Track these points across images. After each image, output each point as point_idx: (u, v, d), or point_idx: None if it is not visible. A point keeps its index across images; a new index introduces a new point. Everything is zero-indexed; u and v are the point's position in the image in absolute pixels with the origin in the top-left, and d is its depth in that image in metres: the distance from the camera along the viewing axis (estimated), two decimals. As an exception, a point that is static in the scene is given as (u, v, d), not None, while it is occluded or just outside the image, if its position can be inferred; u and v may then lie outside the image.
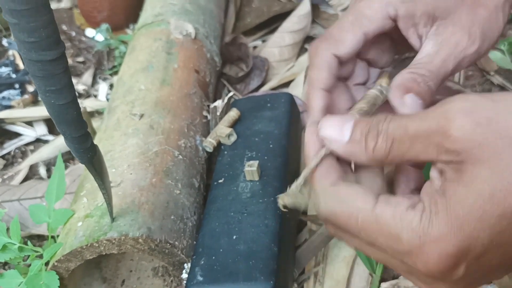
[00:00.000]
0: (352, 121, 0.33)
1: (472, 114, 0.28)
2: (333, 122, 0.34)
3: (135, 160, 0.53)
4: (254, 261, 0.46)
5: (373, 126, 0.32)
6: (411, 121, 0.31)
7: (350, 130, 0.32)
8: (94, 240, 0.45)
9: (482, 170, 0.27)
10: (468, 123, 0.28)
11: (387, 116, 0.32)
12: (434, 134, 0.29)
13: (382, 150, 0.31)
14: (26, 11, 0.28)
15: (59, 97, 0.32)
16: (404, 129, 0.30)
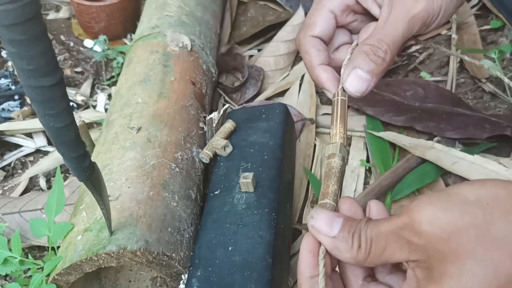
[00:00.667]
0: (342, 219, 0.35)
1: (430, 206, 0.31)
2: (324, 216, 0.35)
3: (133, 173, 0.54)
4: (249, 272, 0.47)
5: (357, 227, 0.34)
6: (383, 222, 0.33)
7: (339, 226, 0.34)
8: (93, 253, 0.46)
9: (449, 266, 0.29)
10: (430, 216, 0.30)
11: (368, 219, 0.34)
12: (402, 231, 0.31)
13: (363, 251, 0.33)
14: (25, 40, 0.29)
15: (57, 120, 0.34)
16: (378, 229, 0.33)
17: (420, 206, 0.31)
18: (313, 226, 0.35)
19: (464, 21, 0.90)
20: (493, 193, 0.30)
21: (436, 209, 0.30)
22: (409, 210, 0.32)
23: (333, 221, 0.35)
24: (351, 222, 0.34)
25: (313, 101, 0.78)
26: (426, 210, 0.31)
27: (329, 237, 0.34)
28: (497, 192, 0.30)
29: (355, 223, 0.34)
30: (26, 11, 0.28)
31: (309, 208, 0.64)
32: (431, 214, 0.30)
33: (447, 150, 0.63)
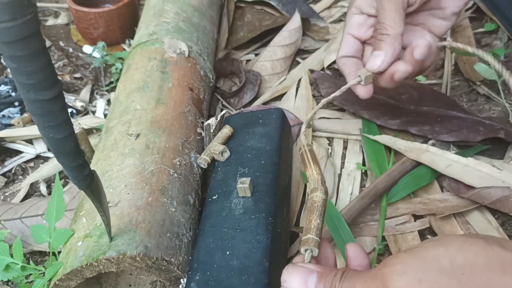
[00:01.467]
0: (316, 275, 0.35)
1: (405, 276, 0.30)
2: (298, 275, 0.36)
3: (132, 179, 0.55)
4: (247, 276, 0.48)
5: (332, 284, 0.34)
6: (358, 281, 0.33)
7: (313, 285, 0.35)
8: (93, 259, 0.47)
9: None
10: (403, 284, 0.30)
11: (342, 274, 0.34)
12: None
13: None
14: (25, 56, 0.30)
15: (57, 132, 0.35)
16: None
17: (394, 275, 0.30)
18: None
19: (458, 24, 0.90)
20: (470, 262, 0.29)
21: (410, 279, 0.30)
22: (383, 275, 0.31)
23: (307, 279, 0.35)
24: (326, 278, 0.35)
25: (310, 105, 0.79)
26: (400, 280, 0.30)
27: None
28: (474, 261, 0.29)
29: (330, 279, 0.34)
30: (26, 28, 0.29)
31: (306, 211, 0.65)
32: (405, 285, 0.30)
33: (442, 153, 0.64)
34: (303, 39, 0.93)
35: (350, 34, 0.62)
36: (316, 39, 0.94)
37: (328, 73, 0.86)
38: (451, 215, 0.61)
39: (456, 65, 0.84)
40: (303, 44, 0.93)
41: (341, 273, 0.35)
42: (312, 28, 0.96)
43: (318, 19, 0.98)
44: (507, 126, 0.68)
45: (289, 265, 0.37)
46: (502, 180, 0.59)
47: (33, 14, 0.29)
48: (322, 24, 0.97)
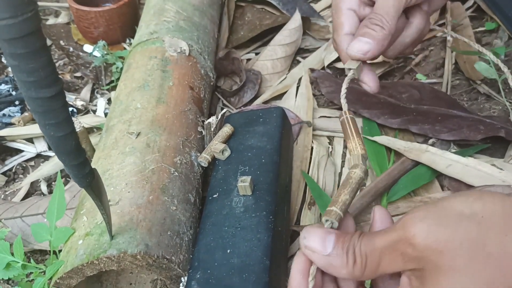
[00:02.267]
0: (334, 236, 0.35)
1: (426, 221, 0.31)
2: (317, 234, 0.35)
3: (133, 178, 0.55)
4: (247, 274, 0.48)
5: (351, 243, 0.34)
6: (377, 236, 0.33)
7: (332, 244, 0.35)
8: (94, 257, 0.47)
9: (443, 276, 0.29)
10: (425, 230, 0.30)
11: (360, 233, 0.35)
12: (397, 244, 0.32)
13: (359, 267, 0.33)
14: (26, 54, 0.30)
15: (58, 130, 0.35)
16: (373, 245, 0.33)
17: (415, 220, 0.31)
18: (306, 246, 0.35)
19: (459, 23, 0.91)
20: (489, 208, 0.30)
21: (431, 223, 0.31)
22: (403, 224, 0.32)
23: (325, 239, 0.35)
24: (344, 238, 0.35)
25: (310, 104, 0.79)
26: (421, 224, 0.31)
27: (324, 256, 0.34)
28: (493, 207, 0.30)
29: (348, 239, 0.34)
30: (26, 26, 0.29)
31: (307, 210, 0.65)
32: (426, 228, 0.30)
33: (441, 153, 0.64)
34: (303, 38, 0.93)
35: (351, 10, 0.57)
36: (316, 38, 0.94)
37: (329, 72, 0.86)
38: (452, 213, 0.61)
39: (456, 64, 0.84)
40: (304, 43, 0.93)
41: (358, 234, 0.35)
42: (312, 27, 0.96)
43: (318, 18, 0.98)
44: (508, 125, 0.68)
45: (309, 226, 0.37)
46: (503, 179, 0.59)
47: (34, 12, 0.29)
48: (322, 23, 0.97)
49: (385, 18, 0.52)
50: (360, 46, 0.53)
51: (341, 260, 0.34)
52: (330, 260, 0.34)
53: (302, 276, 0.36)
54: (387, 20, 0.52)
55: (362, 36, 0.53)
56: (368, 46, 0.52)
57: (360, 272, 0.33)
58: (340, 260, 0.34)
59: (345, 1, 0.57)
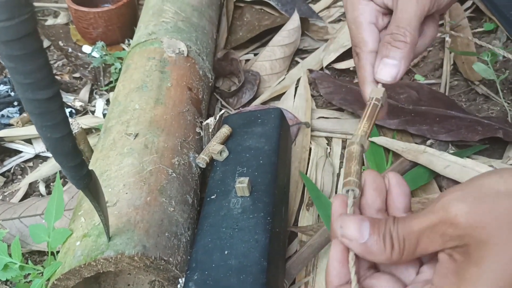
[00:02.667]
0: (368, 222, 0.35)
1: (465, 201, 0.32)
2: (353, 223, 0.36)
3: (131, 179, 0.55)
4: (245, 275, 0.48)
5: (386, 228, 0.35)
6: (414, 220, 0.34)
7: (368, 230, 0.35)
8: (91, 259, 0.47)
9: (488, 250, 0.30)
10: (466, 208, 0.31)
11: (394, 218, 0.35)
12: (438, 226, 0.32)
13: (397, 251, 0.34)
14: (22, 56, 0.30)
15: (54, 131, 0.35)
16: (410, 228, 0.34)
17: (454, 201, 0.32)
18: (343, 235, 0.36)
19: (457, 24, 0.91)
20: None
21: (471, 202, 0.31)
22: (443, 205, 0.32)
23: (361, 226, 0.35)
24: (379, 224, 0.35)
25: (309, 105, 0.79)
26: (462, 204, 0.32)
27: (361, 243, 0.35)
28: None
29: (383, 224, 0.35)
30: (23, 28, 0.29)
31: (305, 211, 0.65)
32: (466, 207, 0.31)
33: (439, 154, 0.64)
34: (302, 39, 0.93)
35: (372, 23, 0.52)
36: (315, 39, 0.94)
37: (327, 72, 0.86)
38: (450, 214, 0.61)
39: (455, 64, 0.84)
40: (302, 44, 0.93)
41: (392, 218, 0.35)
42: (311, 28, 0.96)
43: (317, 19, 0.98)
44: (506, 125, 0.68)
45: (343, 215, 0.38)
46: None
47: (30, 14, 0.29)
48: (321, 24, 0.97)
49: (408, 30, 0.48)
50: (388, 70, 0.48)
51: (378, 246, 0.35)
52: (368, 247, 0.35)
53: (341, 265, 0.36)
54: (410, 32, 0.48)
55: (387, 57, 0.48)
56: (397, 69, 0.48)
57: (398, 257, 0.34)
58: (377, 246, 0.35)
59: (364, 13, 0.52)
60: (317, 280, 0.58)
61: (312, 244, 0.59)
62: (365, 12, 0.52)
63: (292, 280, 0.58)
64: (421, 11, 0.48)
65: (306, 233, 0.61)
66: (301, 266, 0.58)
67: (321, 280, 0.57)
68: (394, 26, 0.49)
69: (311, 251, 0.58)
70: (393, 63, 0.48)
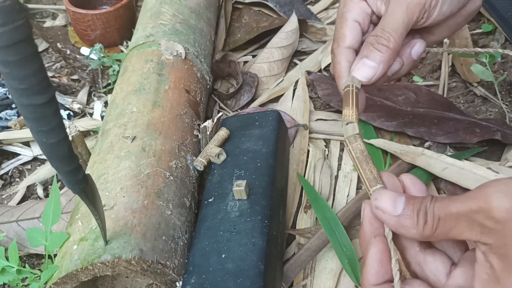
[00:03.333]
0: (404, 197, 0.36)
1: (509, 196, 0.31)
2: (387, 196, 0.36)
3: (128, 182, 0.55)
4: (242, 279, 0.48)
5: (422, 205, 0.35)
6: (453, 202, 0.33)
7: (402, 205, 0.36)
8: (88, 263, 0.47)
9: None
10: (508, 204, 0.30)
11: (432, 197, 0.35)
12: (476, 214, 0.32)
13: (430, 227, 0.34)
14: (17, 61, 0.30)
15: (50, 136, 0.34)
16: (448, 209, 0.33)
17: (498, 193, 0.31)
18: (377, 207, 0.37)
19: (456, 25, 0.90)
20: None
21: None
22: (485, 194, 0.32)
23: (396, 200, 0.36)
24: (414, 200, 0.35)
25: (307, 107, 0.79)
26: (505, 198, 0.31)
27: (394, 216, 0.35)
28: None
29: (419, 201, 0.35)
30: (17, 34, 0.29)
31: (303, 213, 0.65)
32: (508, 203, 0.30)
33: (437, 156, 0.64)
34: (300, 41, 0.93)
35: (356, 22, 0.52)
36: (313, 41, 0.94)
37: (325, 74, 0.86)
38: (448, 217, 0.61)
39: (453, 66, 0.84)
40: (300, 46, 0.93)
41: (430, 197, 0.35)
42: (309, 30, 0.96)
43: (315, 20, 0.98)
44: (504, 127, 0.68)
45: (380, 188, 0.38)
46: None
47: (25, 19, 0.29)
48: (319, 26, 0.97)
49: (392, 36, 0.48)
50: (366, 71, 0.49)
51: (411, 220, 0.35)
52: (401, 220, 0.35)
53: (381, 265, 0.37)
54: (395, 38, 0.48)
55: (367, 58, 0.49)
56: (373, 71, 0.48)
57: (430, 232, 0.34)
58: (410, 220, 0.35)
59: (351, 10, 0.53)
60: (315, 282, 0.58)
61: (310, 247, 0.59)
62: (353, 9, 0.52)
63: (289, 283, 0.58)
64: (409, 19, 0.48)
65: (304, 235, 0.61)
66: (299, 269, 0.58)
67: (319, 282, 0.57)
68: (380, 29, 0.49)
69: (309, 254, 0.58)
70: (372, 64, 0.48)
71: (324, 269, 0.59)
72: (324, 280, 0.58)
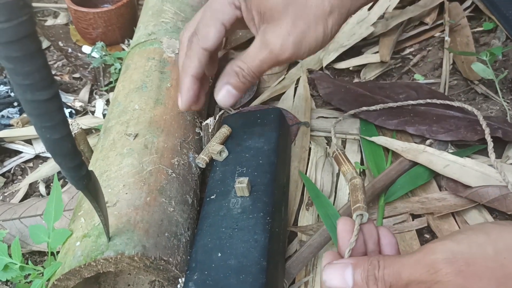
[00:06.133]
0: (350, 266, 0.37)
1: (454, 263, 0.33)
2: (334, 271, 0.38)
3: (130, 179, 0.55)
4: (244, 275, 0.48)
5: (370, 272, 0.36)
6: (403, 268, 0.35)
7: (351, 277, 0.37)
8: (91, 259, 0.47)
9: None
10: (453, 272, 0.33)
11: (379, 261, 0.36)
12: (424, 282, 0.34)
13: None
14: (21, 57, 0.30)
15: (54, 132, 0.35)
16: (398, 276, 0.35)
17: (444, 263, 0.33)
18: (330, 287, 0.38)
19: (457, 23, 0.91)
20: (509, 247, 0.33)
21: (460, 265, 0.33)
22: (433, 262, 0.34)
23: (344, 273, 0.37)
24: (360, 267, 0.37)
25: (308, 105, 0.79)
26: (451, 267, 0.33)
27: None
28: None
29: (366, 267, 0.36)
30: (22, 29, 0.29)
31: (304, 210, 0.65)
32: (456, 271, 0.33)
33: (439, 153, 0.64)
34: (301, 39, 0.93)
35: (223, 24, 0.54)
36: (314, 39, 0.94)
37: (327, 73, 0.86)
38: (449, 214, 0.61)
39: (454, 64, 0.84)
40: (302, 44, 0.93)
41: (376, 260, 0.36)
42: (310, 28, 0.96)
43: (316, 18, 0.98)
44: (505, 125, 0.68)
45: (326, 266, 0.39)
46: (500, 179, 0.59)
47: (28, 15, 0.29)
48: (320, 24, 0.96)
49: (256, 74, 0.52)
50: (228, 98, 0.54)
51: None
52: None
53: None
54: (257, 75, 0.53)
55: (231, 84, 0.53)
56: (235, 98, 0.54)
57: None
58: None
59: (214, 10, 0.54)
60: (317, 279, 0.58)
61: (311, 244, 0.59)
62: (225, 9, 0.53)
63: (291, 280, 0.58)
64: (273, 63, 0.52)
65: (306, 232, 0.61)
66: (301, 265, 0.58)
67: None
68: (247, 66, 0.52)
69: (310, 251, 0.58)
70: (235, 93, 0.54)
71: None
72: (326, 277, 0.58)
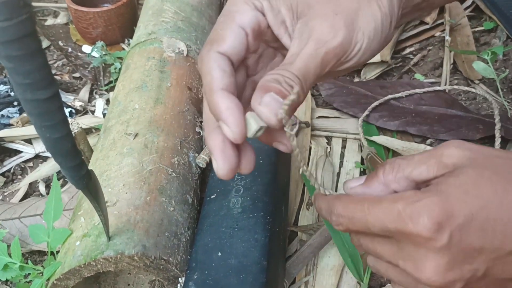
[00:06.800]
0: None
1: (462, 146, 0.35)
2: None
3: (130, 179, 0.55)
4: (245, 275, 0.48)
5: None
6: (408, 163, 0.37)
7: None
8: (91, 259, 0.47)
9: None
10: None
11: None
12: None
13: None
14: (21, 56, 0.30)
15: (54, 132, 0.35)
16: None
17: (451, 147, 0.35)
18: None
19: (457, 23, 0.90)
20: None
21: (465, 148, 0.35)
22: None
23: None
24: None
25: (309, 104, 0.79)
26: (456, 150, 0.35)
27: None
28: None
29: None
30: (22, 28, 0.29)
31: (305, 210, 0.65)
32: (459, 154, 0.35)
33: (439, 152, 0.63)
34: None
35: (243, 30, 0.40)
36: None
37: (327, 72, 0.86)
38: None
39: (455, 63, 0.84)
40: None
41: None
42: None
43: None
44: (507, 123, 0.68)
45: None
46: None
47: (28, 14, 0.29)
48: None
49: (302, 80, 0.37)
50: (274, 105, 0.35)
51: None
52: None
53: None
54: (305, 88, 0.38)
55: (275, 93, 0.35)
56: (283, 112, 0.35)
57: None
58: None
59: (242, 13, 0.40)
60: (317, 279, 0.58)
61: (312, 244, 0.59)
62: (245, 14, 0.40)
63: (292, 279, 0.58)
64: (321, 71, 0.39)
65: (306, 232, 0.61)
66: (301, 265, 0.58)
67: (321, 279, 0.58)
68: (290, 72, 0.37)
69: (311, 251, 0.58)
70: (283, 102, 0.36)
71: (326, 265, 0.59)
72: (326, 276, 0.58)
